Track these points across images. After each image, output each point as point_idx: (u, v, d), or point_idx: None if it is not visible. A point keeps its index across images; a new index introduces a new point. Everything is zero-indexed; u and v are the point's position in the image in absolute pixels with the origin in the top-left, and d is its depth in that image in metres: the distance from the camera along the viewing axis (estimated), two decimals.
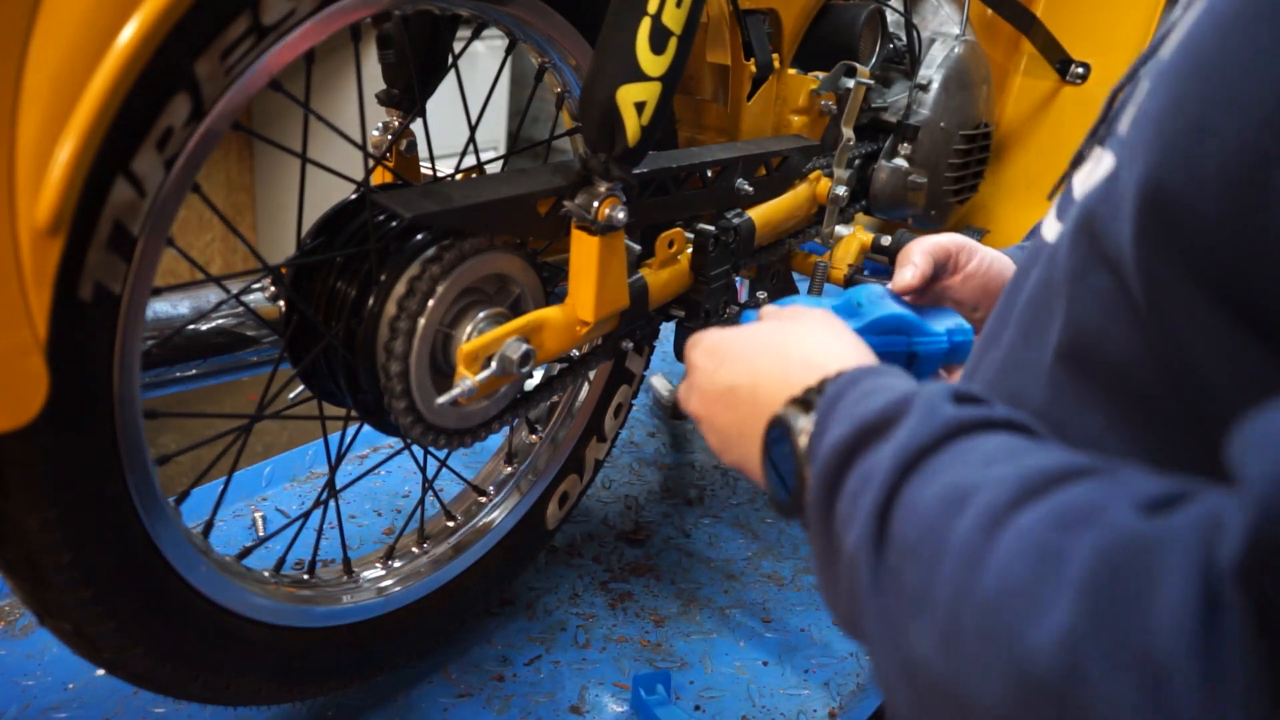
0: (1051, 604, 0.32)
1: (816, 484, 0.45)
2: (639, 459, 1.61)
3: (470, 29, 1.01)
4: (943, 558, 0.37)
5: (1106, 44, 1.59)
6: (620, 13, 0.77)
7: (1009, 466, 0.38)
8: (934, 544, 0.38)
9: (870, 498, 0.41)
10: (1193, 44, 0.39)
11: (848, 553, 0.43)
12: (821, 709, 1.12)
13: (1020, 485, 0.37)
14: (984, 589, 0.35)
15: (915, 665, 0.38)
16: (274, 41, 0.67)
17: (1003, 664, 0.33)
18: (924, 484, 0.40)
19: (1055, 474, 0.37)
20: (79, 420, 0.65)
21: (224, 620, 0.82)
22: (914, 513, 0.40)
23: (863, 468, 0.43)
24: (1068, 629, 0.32)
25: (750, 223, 1.11)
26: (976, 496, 0.38)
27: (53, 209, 0.56)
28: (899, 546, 0.40)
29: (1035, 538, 0.35)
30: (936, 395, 0.44)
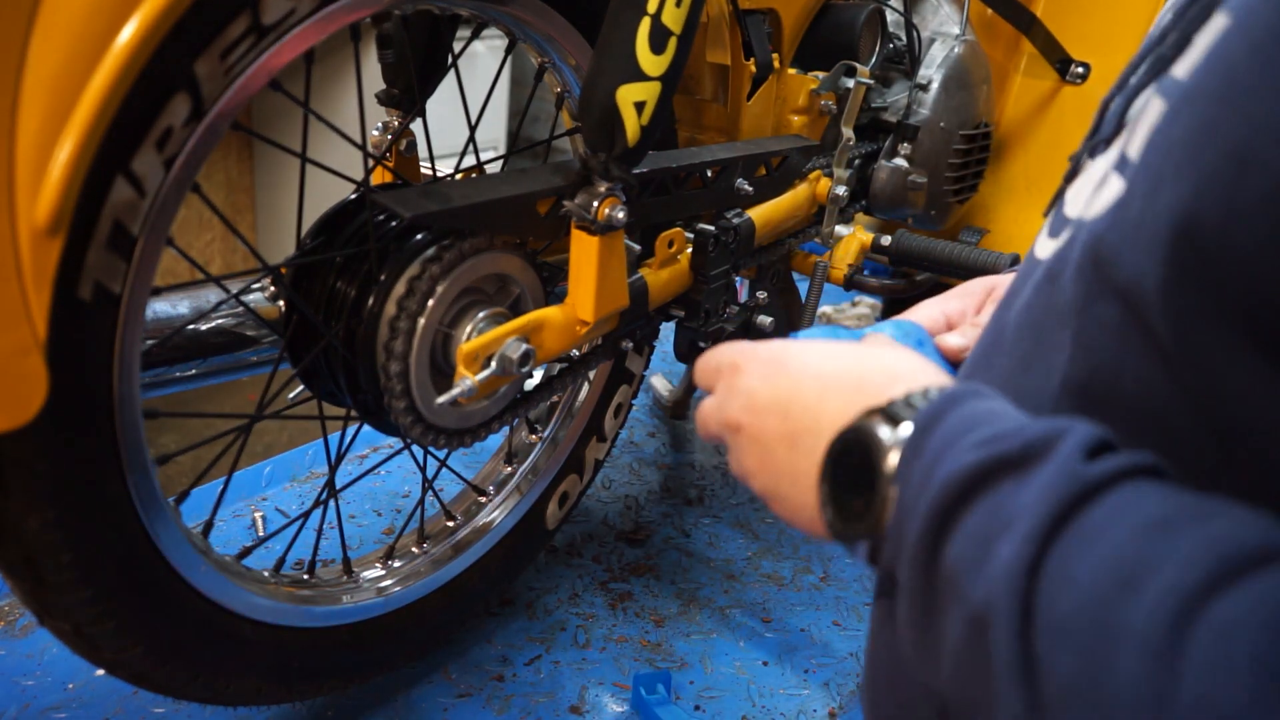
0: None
1: (927, 510, 0.39)
2: (639, 459, 1.61)
3: (470, 29, 1.01)
4: (1118, 651, 0.32)
5: (1106, 44, 1.59)
6: (620, 12, 0.77)
7: (1190, 537, 0.33)
8: (1103, 630, 0.32)
9: (1013, 549, 0.35)
10: (1223, 66, 0.37)
11: (974, 606, 0.36)
12: (821, 709, 1.12)
13: (1213, 564, 0.32)
14: (1184, 703, 0.30)
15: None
16: (274, 41, 0.67)
17: None
18: (1082, 547, 0.34)
19: (1250, 552, 0.32)
20: (79, 420, 0.65)
21: (224, 620, 0.82)
22: (1072, 583, 0.34)
23: (996, 504, 0.37)
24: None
25: (750, 223, 1.11)
26: (1155, 574, 0.32)
27: (52, 209, 0.56)
28: (1053, 622, 0.34)
29: (1248, 642, 0.29)
30: (1083, 434, 0.38)
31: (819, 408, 0.47)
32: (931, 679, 0.41)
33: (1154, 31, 0.50)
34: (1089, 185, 0.48)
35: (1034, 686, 0.34)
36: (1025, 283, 0.52)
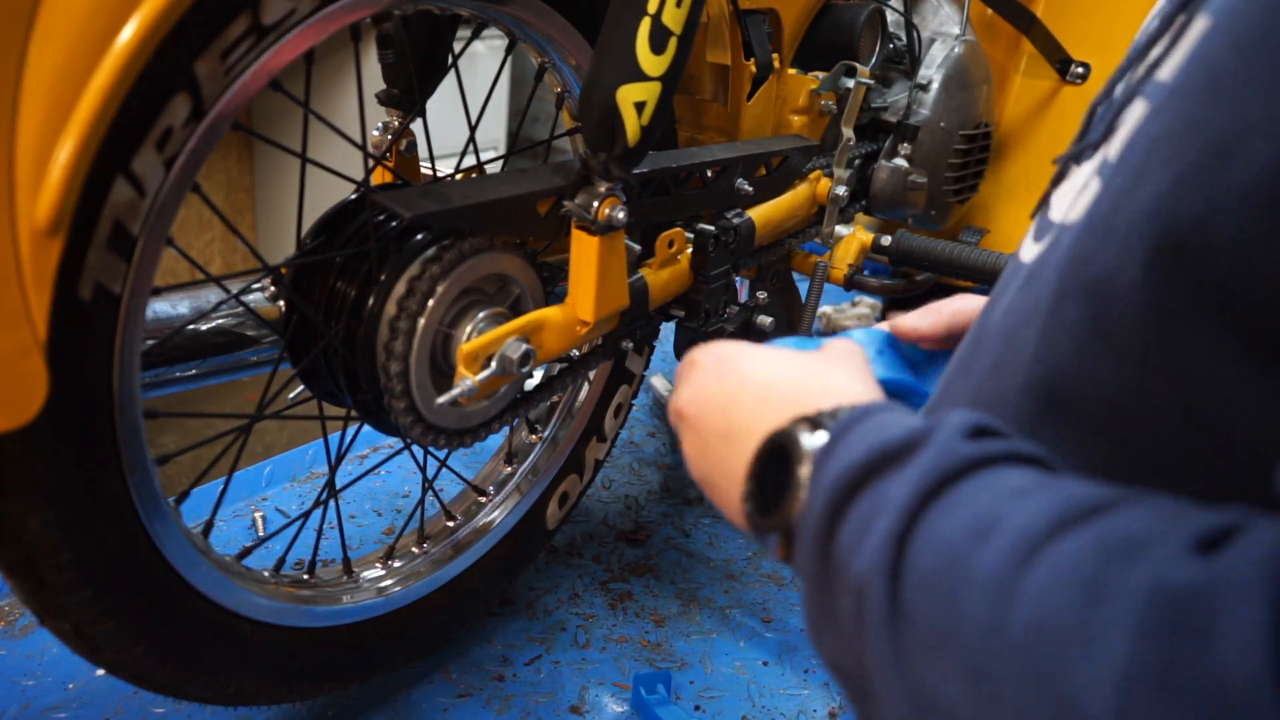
0: (1100, 643, 0.30)
1: (821, 505, 0.42)
2: (639, 459, 1.61)
3: (470, 29, 1.01)
4: (967, 590, 0.35)
5: (1106, 44, 1.59)
6: (620, 12, 0.77)
7: (1041, 497, 0.36)
8: (957, 574, 0.35)
9: (886, 523, 0.39)
10: (1205, 64, 0.37)
11: (854, 580, 0.40)
12: (821, 709, 1.12)
13: (1054, 515, 0.34)
14: (1020, 624, 0.33)
15: (934, 703, 0.36)
16: (274, 41, 0.67)
17: (1046, 705, 0.31)
18: (947, 513, 0.37)
19: (1092, 505, 0.34)
20: (79, 420, 0.65)
21: (224, 620, 0.82)
22: (935, 541, 0.37)
23: (877, 493, 0.40)
24: (1123, 670, 0.29)
25: (750, 223, 1.11)
26: (1006, 524, 0.35)
27: (52, 209, 0.56)
28: (916, 579, 0.37)
29: (1077, 571, 0.32)
30: (959, 425, 0.41)
31: (756, 413, 0.51)
32: (833, 661, 0.43)
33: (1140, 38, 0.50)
34: (1073, 190, 0.49)
35: (899, 635, 0.37)
36: (1008, 287, 0.53)
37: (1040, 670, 0.31)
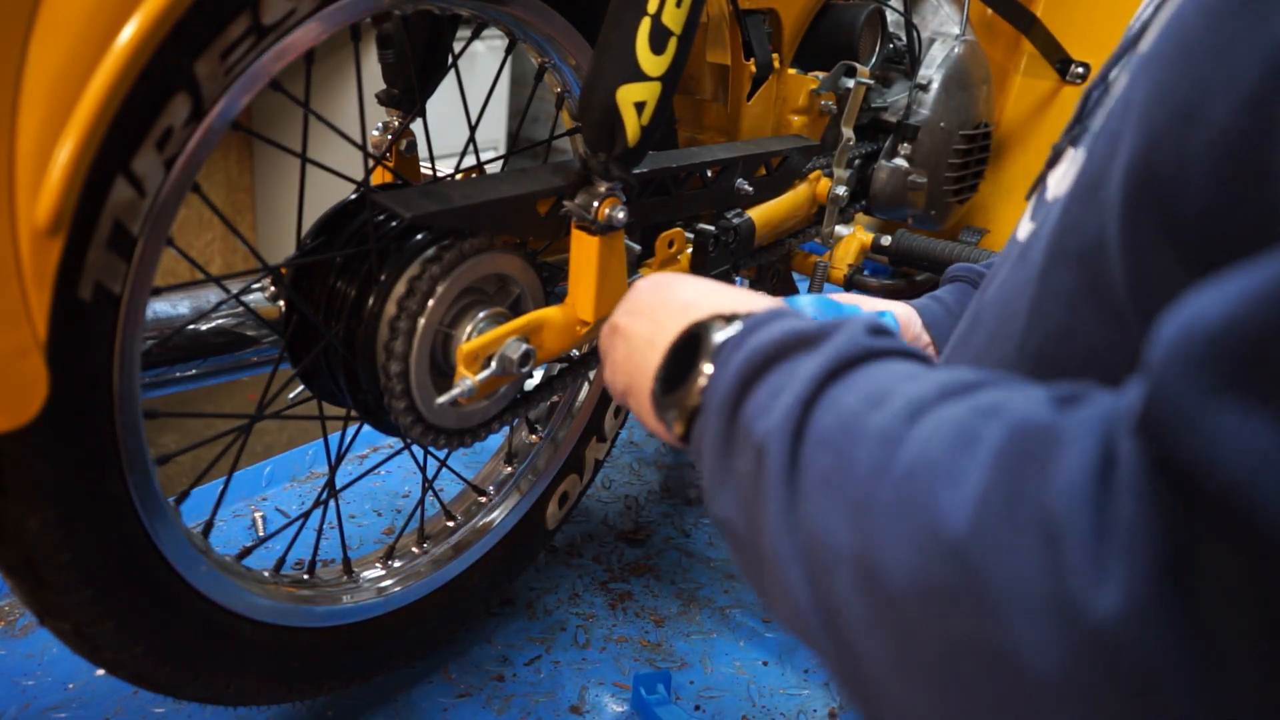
0: (965, 474, 0.34)
1: (734, 374, 0.47)
2: (639, 459, 1.61)
3: (470, 29, 1.01)
4: (859, 442, 0.39)
5: (1106, 44, 1.59)
6: (620, 13, 0.77)
7: (931, 376, 0.41)
8: (851, 432, 0.40)
9: (795, 390, 0.43)
10: (1178, 32, 0.40)
11: (758, 439, 0.44)
12: (821, 709, 1.12)
13: (943, 386, 0.39)
14: (900, 465, 0.37)
15: (819, 541, 0.40)
16: (274, 41, 0.67)
17: (915, 529, 0.35)
18: (846, 388, 0.42)
19: (975, 381, 0.39)
20: (79, 420, 0.65)
21: (224, 620, 0.82)
22: (835, 408, 0.41)
23: (790, 366, 0.45)
24: (978, 494, 0.34)
25: (750, 223, 1.11)
26: (897, 393, 0.40)
27: (53, 209, 0.56)
28: (815, 437, 0.41)
29: (954, 423, 0.36)
30: (864, 322, 0.47)
31: (682, 316, 0.56)
32: (725, 518, 0.48)
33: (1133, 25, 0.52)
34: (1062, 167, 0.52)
35: (794, 485, 0.42)
36: (1004, 263, 0.56)
37: (911, 501, 0.36)
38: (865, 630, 0.38)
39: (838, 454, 0.40)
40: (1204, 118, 0.36)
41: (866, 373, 0.43)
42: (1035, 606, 0.31)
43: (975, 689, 0.34)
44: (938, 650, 0.35)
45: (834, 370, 0.43)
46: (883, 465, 0.38)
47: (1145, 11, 0.53)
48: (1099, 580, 0.30)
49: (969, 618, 0.33)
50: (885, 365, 0.43)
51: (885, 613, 0.37)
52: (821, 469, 0.40)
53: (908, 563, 0.35)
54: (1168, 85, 0.39)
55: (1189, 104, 0.37)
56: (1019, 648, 0.32)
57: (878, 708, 0.39)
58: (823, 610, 0.40)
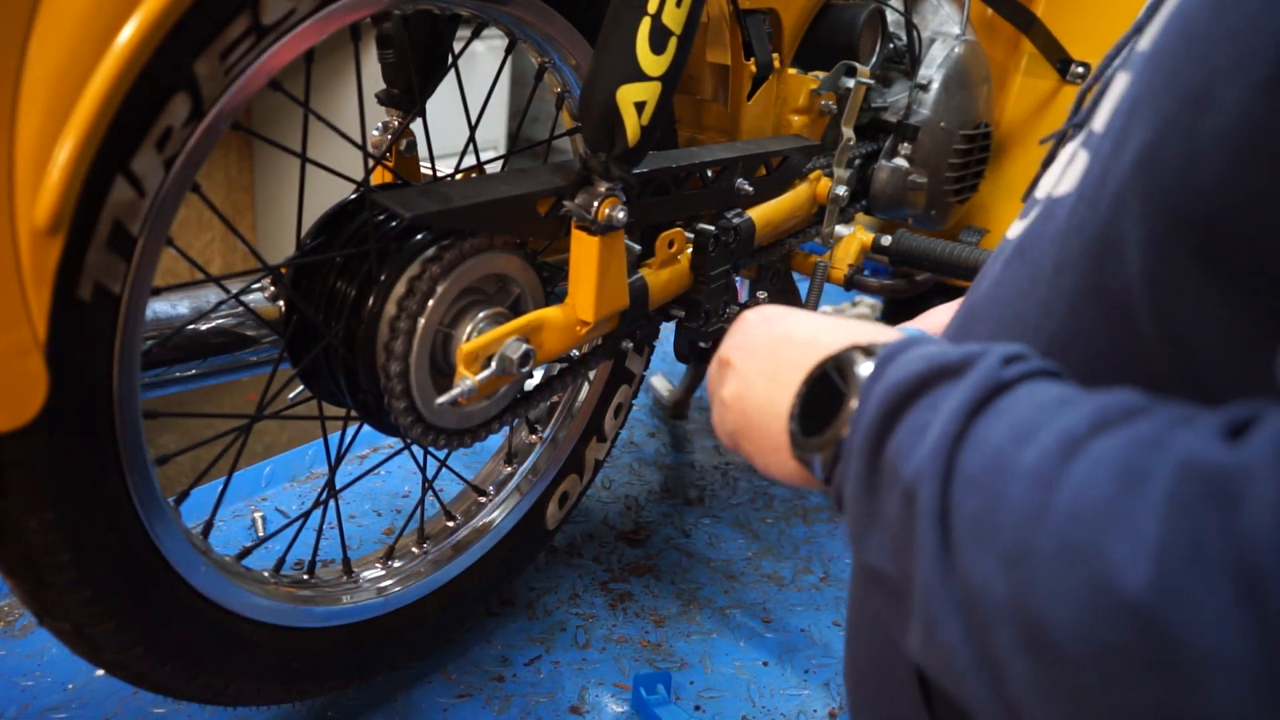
0: (1137, 520, 0.31)
1: (875, 412, 0.44)
2: (639, 459, 1.61)
3: (470, 29, 1.01)
4: (1011, 482, 0.36)
5: (1107, 44, 1.58)
6: (620, 12, 0.77)
7: (1080, 404, 0.37)
8: (1002, 471, 0.37)
9: (941, 427, 0.40)
10: (1183, 24, 0.40)
11: (905, 481, 0.41)
12: (821, 709, 1.12)
13: (1095, 417, 0.36)
14: (1059, 509, 0.34)
15: (975, 593, 0.37)
16: (273, 41, 0.67)
17: (1082, 581, 0.32)
18: (993, 420, 0.39)
19: (1130, 408, 0.36)
20: (78, 420, 0.65)
21: (224, 620, 0.82)
22: (982, 446, 0.38)
23: (932, 402, 0.42)
24: (1157, 543, 0.30)
25: (750, 223, 1.11)
26: (1048, 427, 0.37)
27: (52, 209, 0.56)
28: (964, 479, 0.38)
29: (1114, 461, 0.33)
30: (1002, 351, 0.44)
31: (808, 349, 0.53)
32: (874, 565, 0.44)
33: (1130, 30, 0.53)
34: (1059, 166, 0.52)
35: (947, 531, 0.38)
36: (995, 261, 0.56)
37: (1076, 550, 0.32)
38: (1034, 694, 0.34)
39: (988, 497, 0.37)
40: (1214, 104, 0.36)
41: (1012, 401, 0.40)
42: (1241, 668, 0.28)
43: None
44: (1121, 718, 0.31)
45: (981, 400, 0.40)
46: (1038, 511, 0.34)
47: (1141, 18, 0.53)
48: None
49: (1156, 684, 0.30)
50: (1030, 390, 0.40)
51: (1055, 675, 0.33)
52: (972, 512, 0.37)
53: (1077, 621, 0.32)
54: (1175, 75, 0.39)
55: (1198, 92, 0.37)
56: (1225, 715, 0.29)
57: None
58: (985, 668, 0.37)
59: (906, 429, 0.42)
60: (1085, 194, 0.45)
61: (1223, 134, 0.36)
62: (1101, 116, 0.47)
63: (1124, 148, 0.42)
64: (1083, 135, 0.50)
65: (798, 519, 1.49)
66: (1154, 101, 0.40)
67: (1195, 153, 0.37)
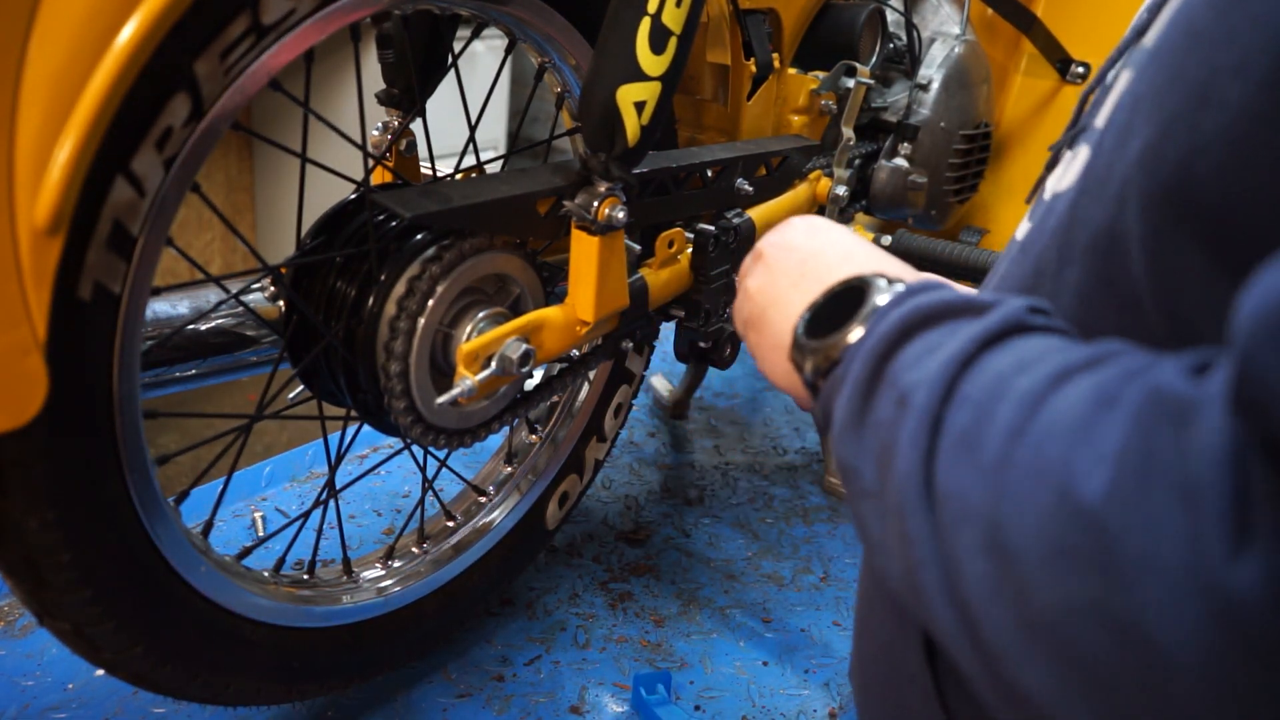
0: (1102, 434, 0.34)
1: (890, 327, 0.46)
2: (639, 459, 1.61)
3: (470, 29, 1.01)
4: (1001, 402, 0.38)
5: (1106, 44, 1.59)
6: (620, 12, 0.77)
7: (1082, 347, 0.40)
8: (996, 393, 0.39)
9: (955, 347, 0.42)
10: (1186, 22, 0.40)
11: (901, 389, 0.43)
12: (821, 709, 1.12)
13: (1090, 355, 0.38)
14: (1038, 426, 0.36)
15: (949, 496, 0.39)
16: (273, 41, 0.67)
17: (1048, 489, 0.34)
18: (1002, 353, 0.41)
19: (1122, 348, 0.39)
20: (78, 420, 0.65)
21: (224, 620, 0.82)
22: (986, 370, 0.41)
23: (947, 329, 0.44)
24: (1116, 453, 0.33)
25: (750, 223, 1.11)
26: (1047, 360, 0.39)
27: (52, 208, 0.56)
28: (963, 397, 0.41)
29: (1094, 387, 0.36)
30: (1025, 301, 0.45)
31: (836, 267, 0.55)
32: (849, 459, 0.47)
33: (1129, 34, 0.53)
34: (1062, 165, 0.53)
35: (935, 438, 0.41)
36: (1002, 262, 0.57)
37: (1047, 461, 0.35)
38: (986, 591, 0.37)
39: (981, 412, 0.39)
40: (1217, 100, 0.37)
41: (1023, 342, 0.42)
42: (1170, 574, 0.30)
43: (1098, 656, 0.33)
44: (1062, 615, 0.34)
45: (995, 335, 0.43)
46: (1022, 425, 0.37)
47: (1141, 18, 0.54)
48: (1239, 547, 0.29)
49: (1098, 582, 0.32)
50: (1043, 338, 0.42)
51: (1008, 573, 0.36)
52: (962, 426, 0.40)
53: (1038, 523, 0.34)
54: (1178, 73, 0.39)
55: (1201, 89, 0.38)
56: (1148, 615, 0.31)
57: (991, 675, 0.38)
58: (943, 567, 0.39)
59: (917, 347, 0.45)
60: (1088, 188, 0.46)
61: (1225, 129, 0.37)
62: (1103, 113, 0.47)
63: (1127, 143, 0.42)
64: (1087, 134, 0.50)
65: (798, 519, 1.49)
66: (1157, 98, 0.41)
67: (1197, 148, 0.38)
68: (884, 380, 0.45)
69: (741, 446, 1.68)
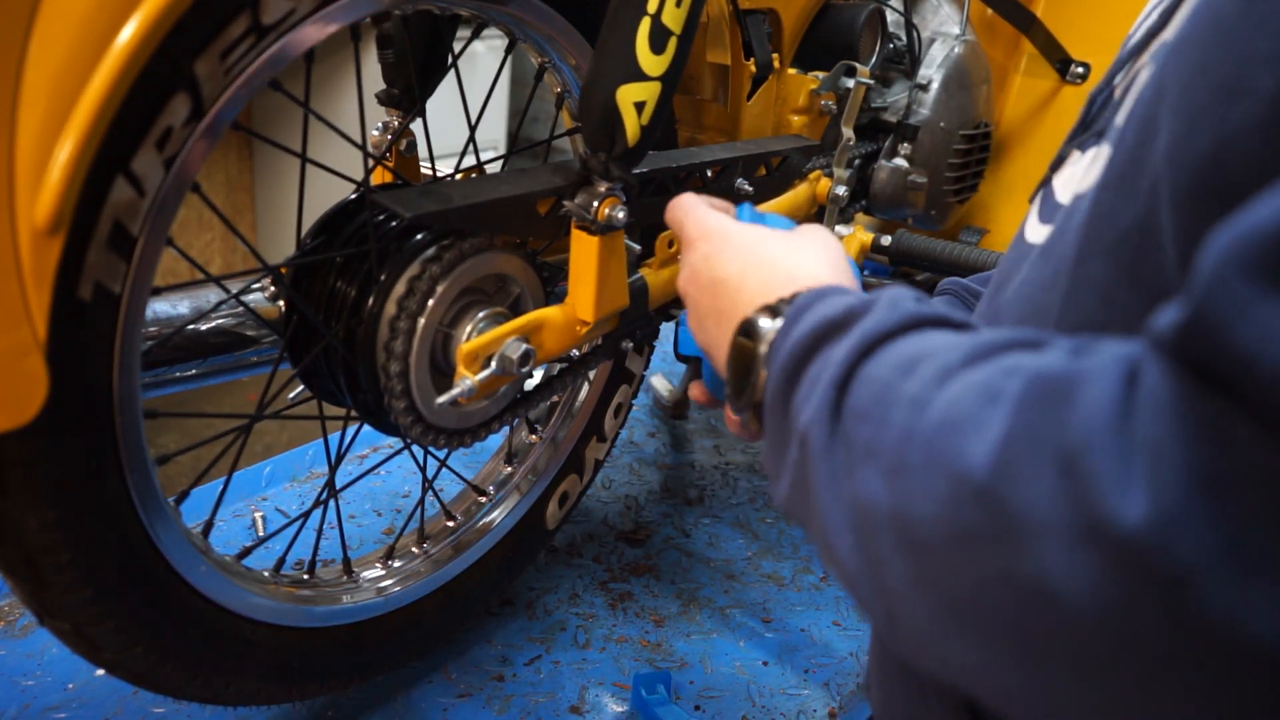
0: (988, 424, 0.35)
1: (778, 375, 0.49)
2: (639, 459, 1.61)
3: (470, 29, 1.01)
4: (892, 409, 0.40)
5: (1106, 44, 1.59)
6: (620, 12, 0.77)
7: (962, 340, 0.41)
8: (885, 401, 0.41)
9: (829, 375, 0.45)
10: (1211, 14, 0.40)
11: (801, 428, 0.46)
12: (821, 709, 1.12)
13: (972, 350, 0.40)
14: (929, 424, 0.38)
15: (861, 507, 0.41)
16: (274, 41, 0.67)
17: (943, 479, 0.36)
18: (879, 361, 0.43)
19: (1007, 341, 0.40)
20: (79, 420, 0.65)
21: (224, 620, 0.82)
22: (869, 381, 0.43)
23: (824, 357, 0.46)
24: (1002, 436, 0.35)
25: None
26: (927, 361, 0.41)
27: (52, 208, 0.56)
28: (853, 412, 0.43)
29: (980, 383, 0.37)
30: (899, 294, 0.48)
31: (735, 297, 0.58)
32: (785, 504, 0.50)
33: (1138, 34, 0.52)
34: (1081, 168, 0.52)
35: (835, 458, 0.43)
36: (1020, 265, 0.56)
37: (942, 454, 0.37)
38: (907, 585, 0.39)
39: (874, 424, 0.41)
40: (1247, 92, 0.37)
41: (897, 345, 0.44)
42: (1059, 531, 0.32)
43: (1014, 626, 0.34)
44: (974, 593, 0.35)
45: (865, 349, 0.44)
46: (913, 427, 0.39)
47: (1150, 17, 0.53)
48: (1123, 492, 0.30)
49: (998, 556, 0.34)
50: (916, 337, 0.44)
51: (922, 564, 0.38)
52: (860, 439, 0.41)
53: (938, 513, 0.36)
54: (1205, 65, 0.39)
55: (1230, 80, 0.38)
56: (1049, 575, 0.32)
57: (927, 661, 0.40)
58: (870, 573, 0.41)
59: (804, 386, 0.47)
60: (1110, 184, 0.46)
61: (1257, 120, 0.37)
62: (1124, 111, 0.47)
63: (1153, 139, 0.42)
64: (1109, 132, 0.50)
65: None
66: (1183, 92, 0.40)
67: (1227, 140, 0.38)
68: (788, 425, 0.48)
69: (742, 446, 1.68)
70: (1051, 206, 0.55)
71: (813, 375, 0.47)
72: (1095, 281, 0.46)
